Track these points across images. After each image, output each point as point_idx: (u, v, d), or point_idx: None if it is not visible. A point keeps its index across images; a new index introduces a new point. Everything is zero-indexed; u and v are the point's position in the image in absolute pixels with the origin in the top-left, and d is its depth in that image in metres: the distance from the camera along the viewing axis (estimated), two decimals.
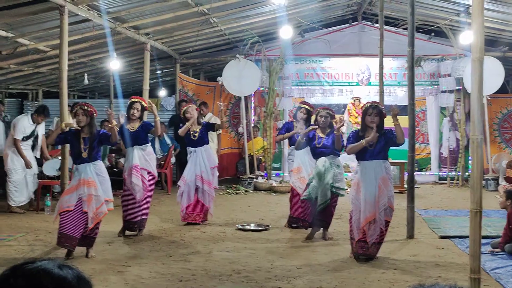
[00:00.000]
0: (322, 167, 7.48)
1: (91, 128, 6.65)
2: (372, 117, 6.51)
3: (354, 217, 6.57)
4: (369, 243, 6.44)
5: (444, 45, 13.74)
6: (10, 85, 15.14)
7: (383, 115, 6.60)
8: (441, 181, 14.00)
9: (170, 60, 14.50)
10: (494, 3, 10.01)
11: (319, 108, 7.99)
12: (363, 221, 6.44)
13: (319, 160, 7.59)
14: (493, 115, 14.10)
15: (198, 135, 8.61)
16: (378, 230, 6.44)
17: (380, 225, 6.45)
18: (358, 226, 6.49)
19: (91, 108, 6.68)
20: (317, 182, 7.46)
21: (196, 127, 8.65)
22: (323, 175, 7.44)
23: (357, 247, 6.53)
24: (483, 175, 12.22)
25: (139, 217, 7.82)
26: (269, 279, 5.70)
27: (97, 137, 6.67)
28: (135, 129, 7.89)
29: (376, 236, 6.45)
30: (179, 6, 9.78)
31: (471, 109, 4.76)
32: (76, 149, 6.68)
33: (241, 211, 10.06)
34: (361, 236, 6.48)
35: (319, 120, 7.70)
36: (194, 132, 8.62)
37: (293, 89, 13.94)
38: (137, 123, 7.94)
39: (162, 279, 5.68)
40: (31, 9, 7.99)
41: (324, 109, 7.85)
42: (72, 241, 6.45)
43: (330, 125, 7.72)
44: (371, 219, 6.42)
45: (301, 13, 12.64)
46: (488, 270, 5.91)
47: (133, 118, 7.92)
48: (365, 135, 6.54)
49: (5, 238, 7.53)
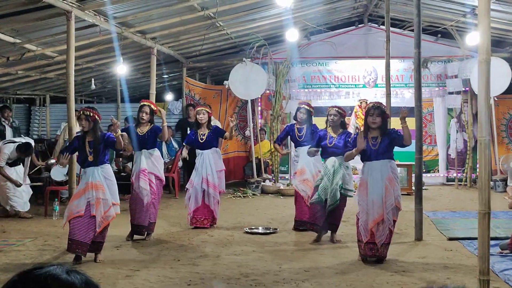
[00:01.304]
0: (331, 167, 7.46)
1: (94, 133, 6.65)
2: (373, 118, 6.50)
3: (361, 219, 6.54)
4: (378, 244, 6.42)
5: (451, 46, 13.72)
6: (18, 91, 15.19)
7: (385, 115, 6.59)
8: (449, 182, 13.96)
9: (177, 64, 14.53)
10: (501, 4, 9.98)
11: (330, 107, 7.95)
12: (371, 222, 6.42)
13: (329, 160, 7.56)
14: (500, 116, 14.04)
15: (205, 139, 8.60)
16: (387, 230, 6.43)
17: (389, 225, 6.43)
18: (366, 228, 6.47)
19: (94, 113, 6.68)
20: (326, 182, 7.44)
21: (204, 130, 8.65)
22: (332, 175, 7.43)
23: (366, 249, 6.51)
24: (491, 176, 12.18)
25: (147, 221, 7.83)
26: (277, 282, 5.69)
27: (102, 141, 6.67)
28: (144, 132, 7.91)
29: (385, 237, 6.44)
30: (185, 10, 9.81)
31: (478, 110, 4.74)
32: (82, 153, 6.71)
33: (248, 214, 10.05)
34: (370, 237, 6.46)
35: (329, 119, 7.65)
36: (202, 135, 8.62)
37: (300, 91, 13.95)
38: (147, 126, 7.96)
39: (170, 283, 5.69)
40: (38, 15, 8.03)
41: (334, 107, 7.80)
42: (83, 247, 6.46)
43: (342, 124, 7.68)
44: (379, 220, 6.41)
45: (307, 16, 12.65)
46: (497, 272, 5.88)
47: (142, 122, 7.94)
48: (368, 135, 6.54)
49: (14, 243, 7.56)
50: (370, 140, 6.54)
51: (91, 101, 18.96)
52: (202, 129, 8.64)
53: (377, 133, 6.55)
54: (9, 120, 11.26)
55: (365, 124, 6.66)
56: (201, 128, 8.64)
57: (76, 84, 9.16)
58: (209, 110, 8.87)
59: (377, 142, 6.51)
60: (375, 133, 6.55)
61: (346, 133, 7.63)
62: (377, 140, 6.53)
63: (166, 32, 10.90)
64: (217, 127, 9.14)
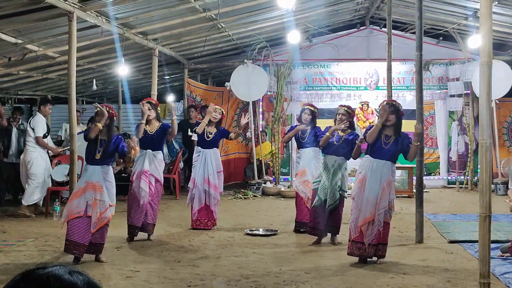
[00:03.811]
0: (331, 166, 7.47)
1: (109, 131, 6.65)
2: (388, 115, 6.48)
3: (353, 215, 6.54)
4: (365, 243, 6.43)
5: (453, 49, 13.72)
6: (19, 91, 15.20)
7: (400, 113, 6.56)
8: (450, 185, 13.95)
9: (178, 65, 14.54)
10: (503, 7, 9.98)
11: (339, 105, 7.88)
12: (361, 221, 6.43)
13: (330, 158, 7.54)
14: (502, 119, 14.04)
15: (212, 137, 8.63)
16: (375, 231, 6.43)
17: (378, 227, 6.44)
18: (356, 225, 6.48)
19: (112, 109, 6.71)
20: (325, 182, 7.43)
21: (212, 129, 8.66)
22: (332, 175, 7.43)
23: (354, 248, 6.52)
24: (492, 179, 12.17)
25: (141, 221, 7.81)
26: (277, 284, 5.69)
27: (114, 144, 6.64)
28: (153, 131, 7.91)
29: (373, 237, 6.43)
30: (187, 12, 9.81)
31: (479, 113, 4.74)
32: (92, 149, 6.65)
33: (249, 216, 10.05)
34: (358, 235, 6.46)
35: (337, 118, 7.61)
36: (209, 133, 8.63)
37: (301, 93, 13.94)
38: (156, 124, 7.97)
39: (170, 284, 5.69)
40: (40, 16, 8.04)
41: (343, 106, 7.74)
42: (80, 248, 6.46)
43: (351, 125, 7.66)
44: (370, 220, 6.41)
45: (309, 18, 12.66)
46: (497, 275, 5.88)
47: (150, 119, 7.94)
48: (383, 132, 6.51)
49: (15, 244, 7.56)
50: (383, 138, 6.51)
51: (93, 101, 18.96)
52: (211, 128, 8.65)
53: (391, 132, 6.52)
54: (17, 122, 11.27)
55: None
56: (210, 127, 8.65)
57: (77, 84, 9.19)
58: (224, 111, 8.94)
59: (389, 142, 6.48)
60: (389, 131, 6.52)
61: (354, 134, 7.59)
62: (389, 139, 6.50)
63: (168, 33, 10.91)
64: (224, 128, 9.19)
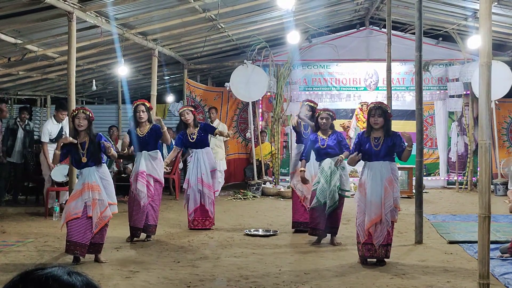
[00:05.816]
0: (328, 169, 7.48)
1: (90, 133, 6.63)
2: (375, 118, 6.49)
3: (358, 219, 6.54)
4: (376, 245, 6.42)
5: (452, 49, 13.73)
6: (19, 91, 15.22)
7: (387, 115, 6.56)
8: (450, 186, 13.96)
9: (178, 65, 14.54)
10: (502, 8, 9.99)
11: (320, 110, 7.88)
12: (368, 223, 6.42)
13: (325, 162, 7.56)
14: (501, 120, 14.05)
15: (196, 137, 8.63)
16: (385, 231, 6.42)
17: (387, 227, 6.43)
18: (363, 228, 6.47)
19: (91, 112, 6.70)
20: (324, 184, 7.45)
21: (193, 130, 8.67)
22: (330, 177, 7.44)
23: (364, 250, 6.51)
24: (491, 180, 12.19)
25: (143, 223, 7.82)
26: (277, 284, 5.69)
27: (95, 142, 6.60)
28: (144, 134, 7.90)
29: (383, 238, 6.43)
30: (186, 12, 9.81)
31: (479, 113, 4.74)
32: (75, 156, 6.65)
33: (249, 216, 10.05)
34: (367, 238, 6.45)
35: (320, 122, 7.63)
36: (191, 134, 8.64)
37: (301, 94, 13.94)
38: (147, 126, 7.95)
39: (170, 284, 5.68)
40: (39, 16, 8.04)
41: (324, 110, 7.77)
42: (81, 248, 6.46)
43: (331, 126, 7.73)
44: (377, 221, 6.40)
45: (309, 18, 12.66)
46: (497, 276, 5.87)
47: (141, 121, 7.93)
48: (371, 135, 6.54)
49: (14, 244, 7.55)
50: (372, 141, 6.52)
51: (92, 102, 18.99)
52: (190, 129, 8.67)
53: (380, 134, 6.52)
54: (24, 122, 11.27)
55: (368, 124, 6.66)
56: (189, 128, 8.66)
57: (77, 85, 9.18)
58: (192, 109, 8.91)
59: (379, 143, 6.49)
60: (378, 133, 6.53)
61: (336, 133, 7.70)
62: (379, 141, 6.50)
63: (168, 33, 10.91)
64: (205, 123, 9.24)
